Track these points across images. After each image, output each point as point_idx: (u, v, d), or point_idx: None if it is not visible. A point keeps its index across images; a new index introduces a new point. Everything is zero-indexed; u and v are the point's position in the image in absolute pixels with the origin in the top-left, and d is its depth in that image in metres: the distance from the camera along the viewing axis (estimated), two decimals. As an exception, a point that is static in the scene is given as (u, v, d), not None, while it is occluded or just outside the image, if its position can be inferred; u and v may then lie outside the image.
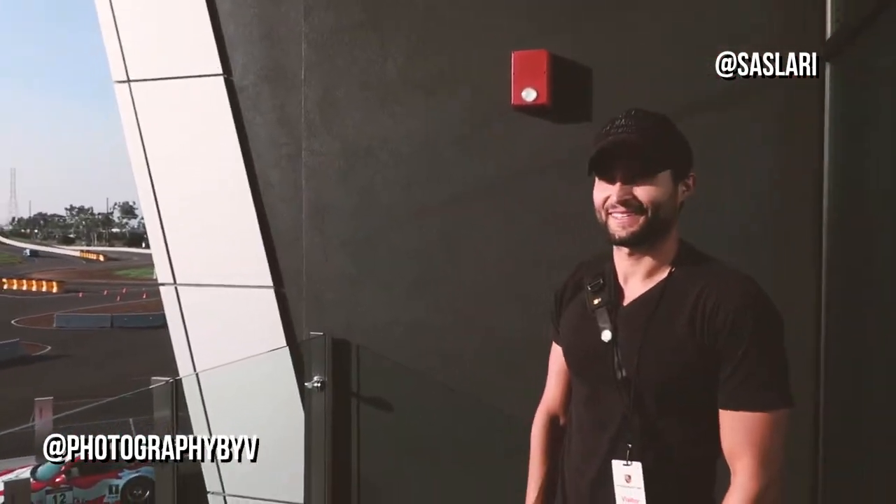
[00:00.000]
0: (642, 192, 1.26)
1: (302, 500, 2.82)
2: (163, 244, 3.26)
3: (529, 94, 2.26)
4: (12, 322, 36.75)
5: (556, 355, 1.51)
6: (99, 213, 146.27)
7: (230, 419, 3.07)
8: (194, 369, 3.33)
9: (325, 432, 2.65)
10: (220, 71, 2.97)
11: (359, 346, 2.59)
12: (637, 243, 1.30)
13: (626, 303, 1.33)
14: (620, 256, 1.36)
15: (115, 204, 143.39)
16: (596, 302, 1.34)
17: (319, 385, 2.60)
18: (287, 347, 2.86)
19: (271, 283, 3.06)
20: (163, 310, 3.37)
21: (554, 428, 1.53)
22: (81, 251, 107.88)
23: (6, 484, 12.52)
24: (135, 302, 44.03)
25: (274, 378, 2.93)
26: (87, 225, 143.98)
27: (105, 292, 50.84)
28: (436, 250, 2.58)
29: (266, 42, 2.92)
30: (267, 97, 2.96)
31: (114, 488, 14.58)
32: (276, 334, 3.07)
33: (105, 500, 14.44)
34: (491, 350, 2.50)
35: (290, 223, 2.95)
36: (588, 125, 2.29)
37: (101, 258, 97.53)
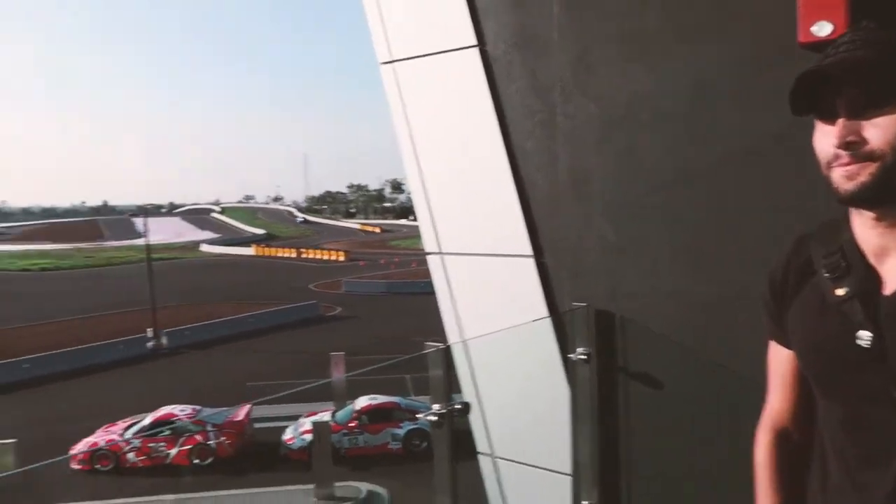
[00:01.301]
0: (875, 130, 0.91)
1: (570, 471, 2.80)
2: (428, 216, 3.43)
3: (823, 28, 1.87)
4: (310, 286, 42.62)
5: (780, 358, 1.19)
6: (374, 190, 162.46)
7: (495, 384, 3.15)
8: (461, 335, 3.48)
9: (590, 406, 2.59)
10: (475, 42, 2.99)
11: (622, 317, 2.46)
12: (872, 201, 0.95)
13: (888, 291, 0.97)
14: (863, 223, 1.00)
15: (386, 180, 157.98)
16: (841, 292, 1.00)
17: (585, 357, 2.53)
18: (549, 318, 2.83)
19: (531, 253, 3.04)
20: (430, 277, 3.56)
21: (785, 447, 1.23)
22: (361, 224, 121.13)
23: (314, 423, 14.68)
24: (406, 270, 48.30)
25: (537, 347, 2.93)
26: (364, 200, 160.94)
27: (382, 261, 56.56)
28: (705, 215, 2.32)
29: (517, 8, 2.87)
30: (518, 65, 2.92)
31: (396, 436, 16.32)
32: (538, 304, 3.06)
33: (389, 446, 16.24)
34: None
35: (547, 192, 2.90)
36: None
37: (378, 230, 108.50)
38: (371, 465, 15.74)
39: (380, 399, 16.97)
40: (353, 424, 16.42)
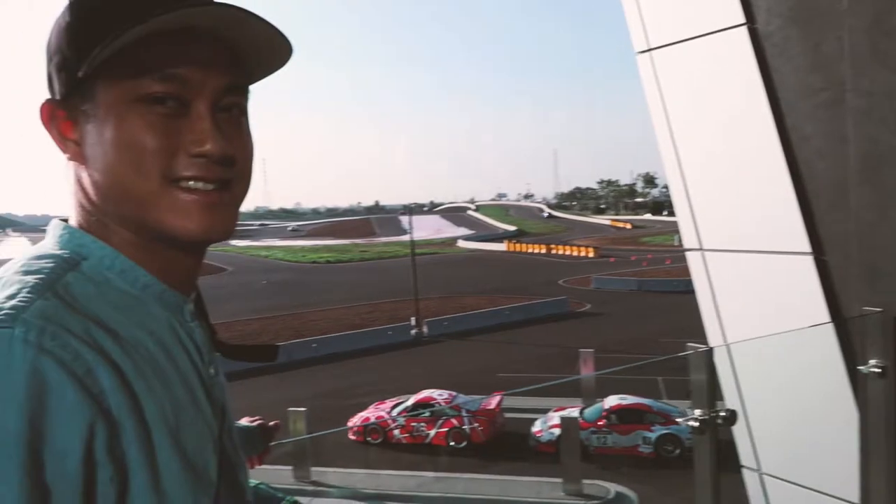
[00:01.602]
0: None
1: (857, 499, 2.45)
2: (688, 209, 3.23)
3: None
4: (559, 282, 42.88)
5: None
6: (625, 185, 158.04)
7: (764, 394, 2.87)
8: (723, 337, 3.23)
9: (885, 426, 2.23)
10: (743, 20, 2.75)
11: (931, 327, 2.08)
12: None
13: None
14: None
15: (638, 175, 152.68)
16: None
17: (879, 371, 2.19)
18: (832, 324, 2.50)
19: (809, 250, 2.72)
20: (687, 275, 3.36)
21: None
22: (611, 220, 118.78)
23: (562, 419, 14.77)
24: (659, 267, 46.25)
25: (816, 356, 2.60)
26: (615, 196, 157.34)
27: (632, 258, 54.88)
28: None
29: (795, -25, 2.58)
30: (796, 41, 2.61)
31: (647, 440, 15.71)
32: (816, 307, 2.72)
33: (639, 449, 15.69)
34: None
35: (832, 181, 2.56)
36: None
37: (628, 226, 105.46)
38: (619, 465, 15.37)
39: (630, 399, 16.48)
40: (601, 423, 16.17)
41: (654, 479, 14.56)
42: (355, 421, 17.20)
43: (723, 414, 1.82)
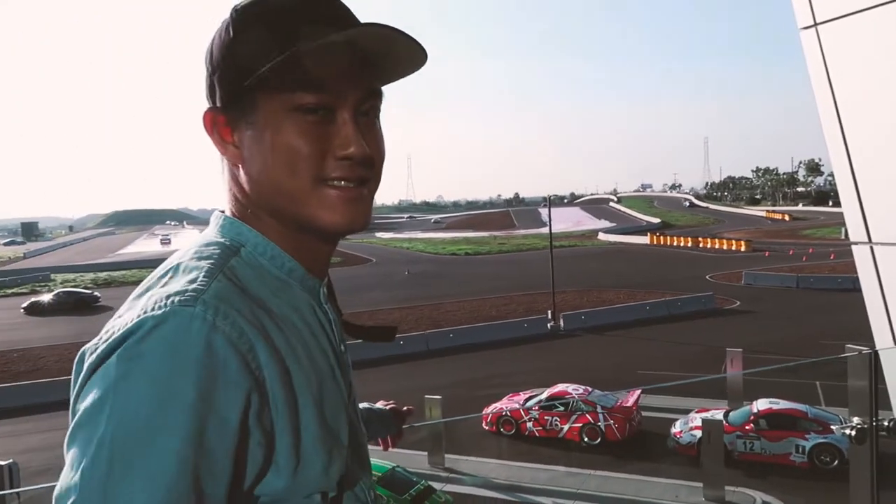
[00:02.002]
0: None
1: None
2: (855, 199, 2.94)
3: None
4: (706, 277, 40.67)
5: None
6: (784, 173, 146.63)
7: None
8: (893, 339, 2.92)
9: None
10: (927, -14, 2.44)
11: None
12: None
13: None
14: None
15: (800, 162, 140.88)
16: None
17: None
18: None
19: None
20: (852, 272, 3.05)
21: None
22: (767, 211, 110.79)
23: (704, 421, 14.06)
24: (821, 262, 42.59)
25: None
26: (772, 185, 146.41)
27: (790, 252, 50.89)
28: None
29: None
30: None
31: (800, 448, 14.56)
32: None
33: (791, 458, 14.58)
34: None
35: None
36: None
37: (786, 217, 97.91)
38: (768, 474, 14.40)
39: (783, 404, 15.35)
40: (749, 427, 15.20)
41: (806, 490, 13.51)
42: (489, 411, 17.35)
43: (886, 423, 1.63)
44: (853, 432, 1.66)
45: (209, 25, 0.84)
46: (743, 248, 55.46)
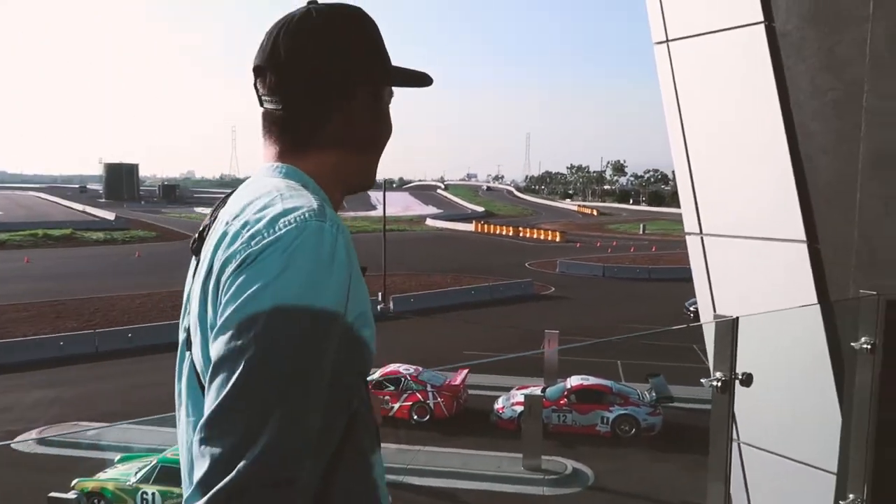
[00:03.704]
0: None
1: (833, 467, 2.69)
2: (691, 196, 3.43)
3: None
4: (526, 264, 43.34)
5: None
6: (594, 172, 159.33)
7: (756, 368, 3.10)
8: (714, 312, 3.45)
9: (867, 399, 2.46)
10: (762, 18, 2.92)
11: (921, 311, 2.31)
12: None
13: None
14: None
15: (608, 163, 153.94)
16: None
17: (868, 347, 2.41)
18: (824, 305, 2.72)
19: (804, 238, 2.93)
20: (649, 264, 3.54)
21: None
22: (578, 206, 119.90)
23: (526, 396, 15.11)
24: (623, 255, 47.09)
25: (808, 335, 2.83)
26: (583, 182, 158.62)
27: (598, 244, 55.69)
28: None
29: (816, -19, 2.75)
30: (812, 41, 2.80)
31: (605, 419, 16.20)
32: (804, 291, 2.94)
33: (597, 428, 16.16)
34: None
35: (832, 175, 2.77)
36: None
37: (594, 212, 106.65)
38: (577, 443, 15.82)
39: (592, 380, 16.92)
40: (562, 402, 16.58)
41: (607, 456, 15.02)
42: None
43: (740, 377, 2.01)
44: (719, 384, 2.02)
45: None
46: (558, 239, 59.70)
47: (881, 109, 2.40)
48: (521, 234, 63.43)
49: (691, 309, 27.12)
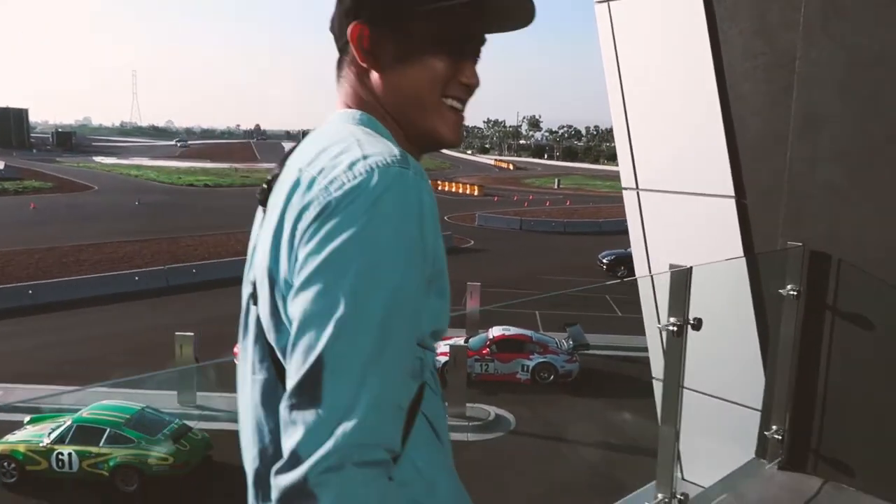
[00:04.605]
0: None
1: (758, 404, 2.95)
2: (629, 153, 3.58)
3: None
4: (445, 217, 43.54)
5: None
6: (510, 126, 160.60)
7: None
8: (648, 264, 3.66)
9: (791, 342, 2.71)
10: (700, -17, 3.04)
11: (840, 259, 2.54)
12: None
13: None
14: None
15: (524, 117, 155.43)
16: None
17: (795, 294, 2.65)
18: (755, 256, 2.94)
19: (733, 193, 3.14)
20: (563, 217, 3.71)
21: None
22: (495, 160, 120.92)
23: (451, 347, 15.44)
24: (539, 209, 48.12)
25: (739, 284, 3.05)
26: (500, 136, 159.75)
27: (515, 198, 56.61)
28: None
29: (752, -52, 2.88)
30: (746, 7, 2.95)
31: (525, 367, 16.81)
32: (732, 244, 3.17)
33: (518, 375, 16.78)
34: None
35: (762, 134, 2.96)
36: None
37: (511, 167, 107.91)
38: (499, 391, 16.34)
39: (513, 330, 17.43)
40: (485, 352, 17.04)
41: (527, 402, 15.62)
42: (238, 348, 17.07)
43: (692, 322, 2.18)
44: (675, 329, 2.18)
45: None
46: (476, 193, 60.21)
47: (812, 75, 2.58)
48: (439, 188, 63.51)
49: (604, 261, 28.21)
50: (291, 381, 0.74)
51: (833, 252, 2.54)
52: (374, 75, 0.95)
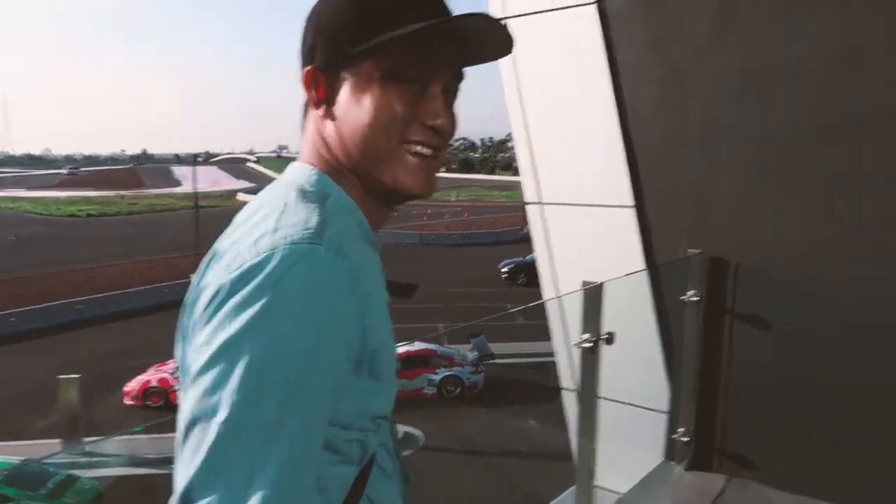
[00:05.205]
0: None
1: (666, 408, 3.02)
2: (531, 167, 3.61)
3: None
4: (343, 236, 43.00)
5: None
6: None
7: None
8: (554, 282, 3.69)
9: (695, 345, 2.79)
10: (593, 0, 3.11)
11: (738, 264, 2.64)
12: None
13: None
14: None
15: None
16: None
17: (696, 299, 2.73)
18: (656, 267, 3.01)
19: (633, 203, 3.21)
20: (461, 229, 3.72)
21: None
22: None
23: (357, 368, 15.17)
24: (438, 222, 48.49)
25: (641, 294, 3.12)
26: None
27: (414, 212, 56.82)
28: (853, 174, 2.44)
29: (641, -34, 2.98)
30: (639, 20, 3.03)
31: (431, 382, 16.81)
32: (637, 253, 3.24)
33: (424, 391, 16.75)
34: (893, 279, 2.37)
35: (659, 145, 3.05)
36: None
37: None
38: (407, 408, 16.23)
39: (417, 346, 17.39)
40: (391, 369, 16.89)
41: (436, 416, 15.60)
42: (133, 385, 16.10)
43: (605, 337, 2.19)
44: (590, 344, 2.17)
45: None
46: (374, 209, 59.93)
47: (706, 86, 2.68)
48: (337, 206, 62.71)
49: (504, 270, 28.75)
50: (179, 482, 0.66)
51: (731, 258, 2.65)
52: (330, 125, 0.86)
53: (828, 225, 2.49)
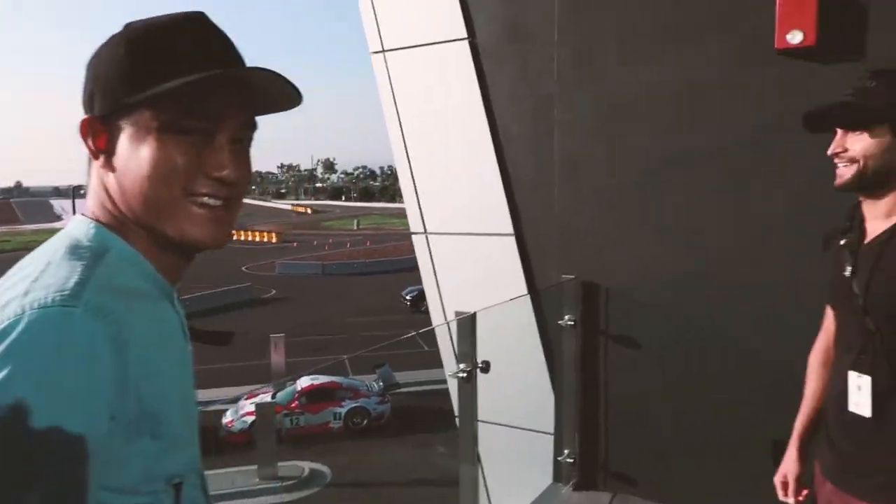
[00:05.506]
0: (855, 144, 1.43)
1: (551, 429, 3.09)
2: (414, 198, 3.64)
3: (795, 37, 2.22)
4: (243, 268, 41.81)
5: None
6: (305, 170, 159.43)
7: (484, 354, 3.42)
8: (443, 309, 3.72)
9: (573, 367, 2.88)
10: (465, 35, 3.21)
11: (608, 288, 2.76)
12: (855, 189, 1.47)
13: (867, 241, 1.51)
14: (863, 199, 1.52)
15: (318, 160, 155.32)
16: (842, 242, 1.55)
17: (572, 323, 2.82)
18: (536, 291, 3.10)
19: (512, 231, 3.31)
20: (363, 258, 3.76)
21: (827, 354, 1.72)
22: (292, 205, 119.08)
23: (257, 406, 14.63)
24: (340, 251, 48.03)
25: (523, 318, 3.20)
26: (296, 180, 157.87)
27: (315, 242, 56.01)
28: (686, 198, 2.63)
29: (509, 3, 3.10)
30: (510, 56, 3.15)
31: (337, 415, 16.47)
32: (517, 278, 3.33)
33: (330, 425, 16.37)
34: (740, 296, 2.55)
35: (532, 174, 3.16)
36: (859, 67, 2.20)
37: (309, 211, 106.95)
38: (312, 443, 15.81)
39: (321, 379, 17.03)
40: (294, 405, 16.44)
41: (343, 450, 15.27)
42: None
43: (480, 365, 2.21)
44: (465, 374, 2.19)
45: None
46: (274, 240, 58.70)
47: (568, 120, 2.81)
48: (234, 237, 60.88)
49: (407, 297, 28.76)
50: None
51: (601, 281, 2.76)
52: (111, 176, 0.82)
53: (678, 249, 2.66)
